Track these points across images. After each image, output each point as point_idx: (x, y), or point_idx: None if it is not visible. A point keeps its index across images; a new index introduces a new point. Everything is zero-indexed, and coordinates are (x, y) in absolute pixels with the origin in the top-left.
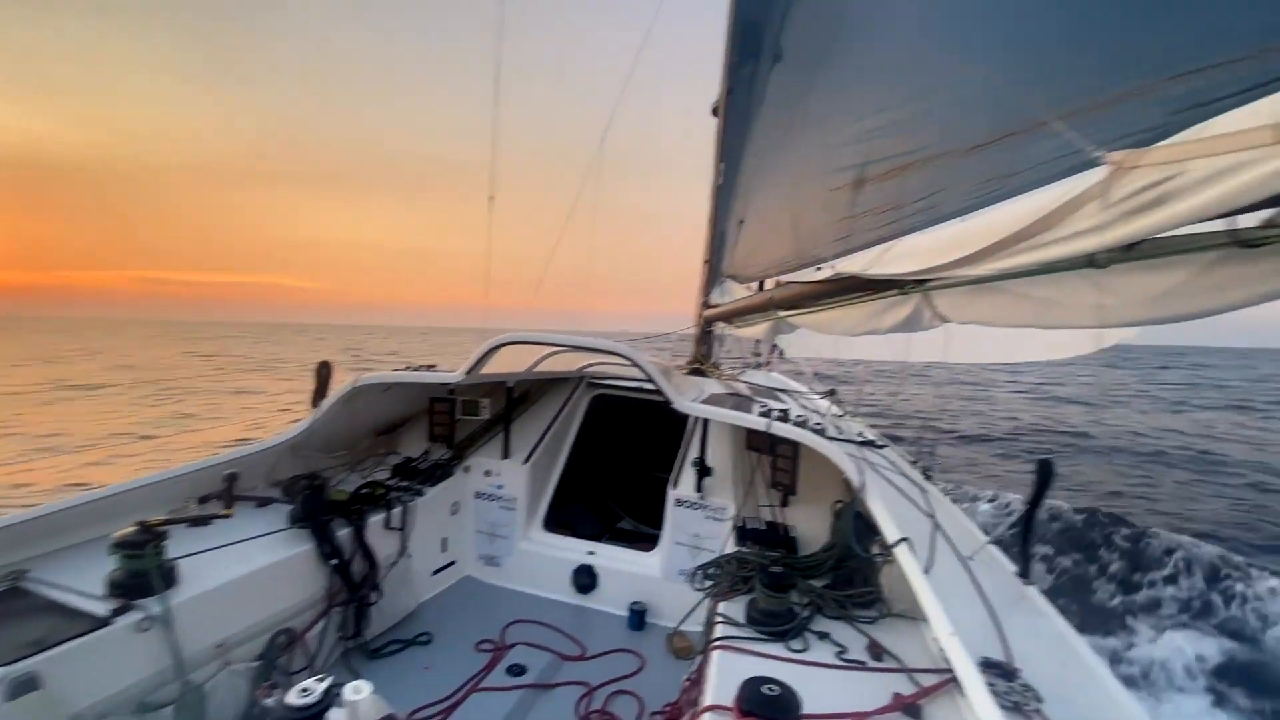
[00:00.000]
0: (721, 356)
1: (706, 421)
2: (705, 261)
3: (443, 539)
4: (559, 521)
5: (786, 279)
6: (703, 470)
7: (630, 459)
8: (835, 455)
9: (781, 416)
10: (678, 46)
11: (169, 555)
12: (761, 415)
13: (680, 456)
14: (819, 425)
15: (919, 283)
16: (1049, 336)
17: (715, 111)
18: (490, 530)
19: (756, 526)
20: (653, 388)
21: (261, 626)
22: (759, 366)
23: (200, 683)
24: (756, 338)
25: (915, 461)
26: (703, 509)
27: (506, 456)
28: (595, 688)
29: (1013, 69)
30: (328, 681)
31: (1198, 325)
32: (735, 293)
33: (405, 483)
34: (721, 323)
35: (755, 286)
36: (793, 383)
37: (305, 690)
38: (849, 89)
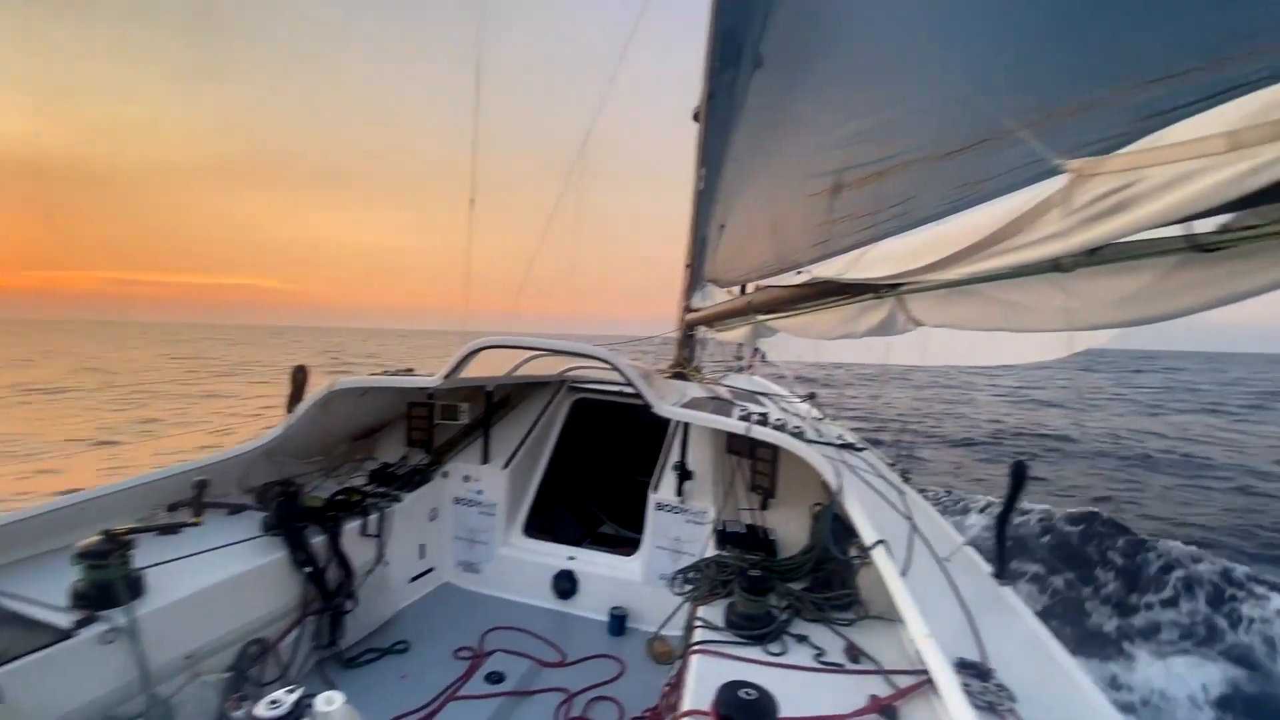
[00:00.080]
0: (704, 360)
1: (687, 425)
2: (687, 266)
3: (420, 545)
4: (540, 526)
5: (765, 283)
6: (683, 474)
7: (612, 463)
8: (813, 458)
9: (761, 420)
10: (661, 51)
11: (136, 565)
12: (741, 419)
13: (661, 460)
14: (798, 428)
15: (893, 287)
16: (1022, 340)
17: (696, 117)
18: (469, 536)
19: (736, 530)
20: (634, 391)
21: (232, 637)
22: (741, 370)
23: (168, 695)
24: (737, 341)
25: (894, 464)
26: (683, 513)
27: (486, 461)
28: (575, 694)
29: (983, 77)
30: (298, 692)
31: (1168, 330)
32: (716, 297)
33: (382, 489)
34: (703, 326)
35: (737, 291)
36: (774, 386)
37: (274, 702)
38: (827, 96)
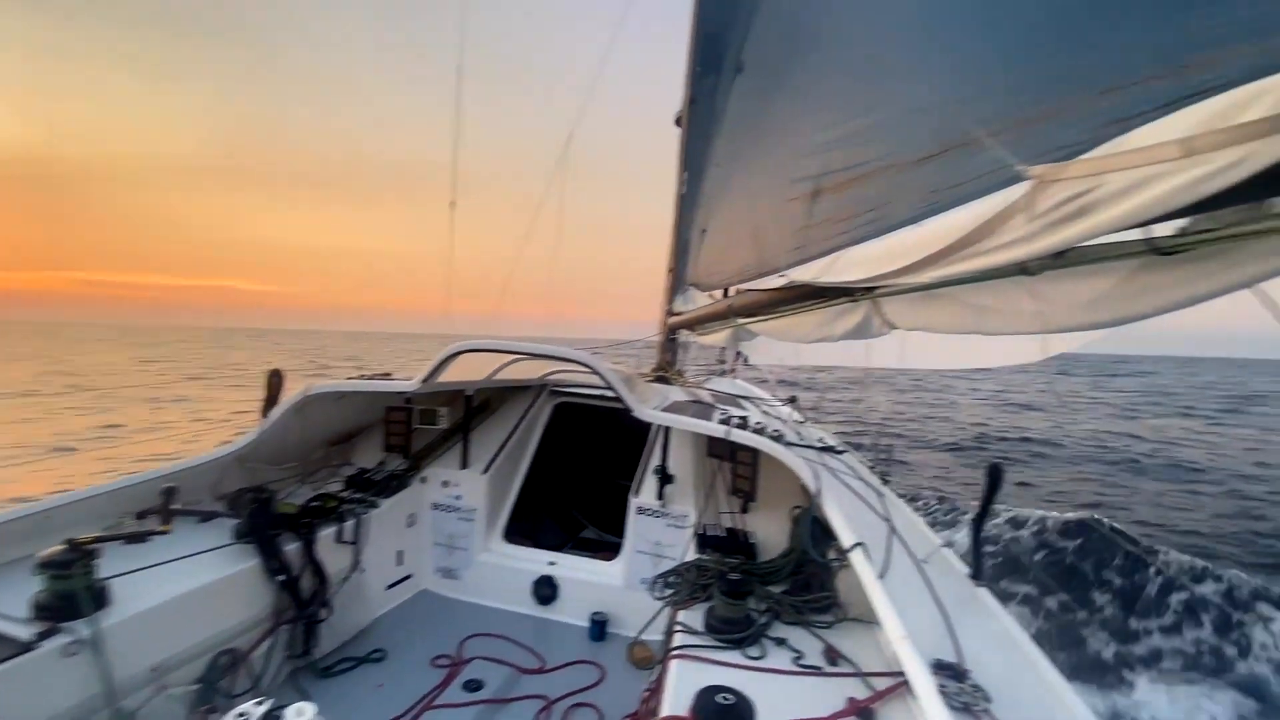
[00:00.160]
0: (688, 364)
1: (668, 429)
2: (669, 269)
3: (398, 552)
4: (521, 532)
5: (745, 287)
6: (664, 478)
7: (594, 467)
8: (792, 461)
9: (741, 423)
10: (643, 56)
11: (101, 574)
12: (721, 422)
13: (642, 464)
14: (778, 432)
15: (868, 290)
16: (996, 343)
17: (678, 121)
18: (448, 542)
19: (717, 533)
20: (615, 395)
21: (202, 648)
22: (724, 374)
23: (133, 709)
24: (718, 345)
25: (874, 466)
26: (664, 517)
27: (465, 466)
28: (554, 701)
29: (953, 86)
30: (268, 704)
31: (1139, 334)
32: (698, 300)
33: (359, 494)
34: (685, 330)
35: (719, 295)
36: (756, 390)
37: (242, 714)
38: (806, 102)
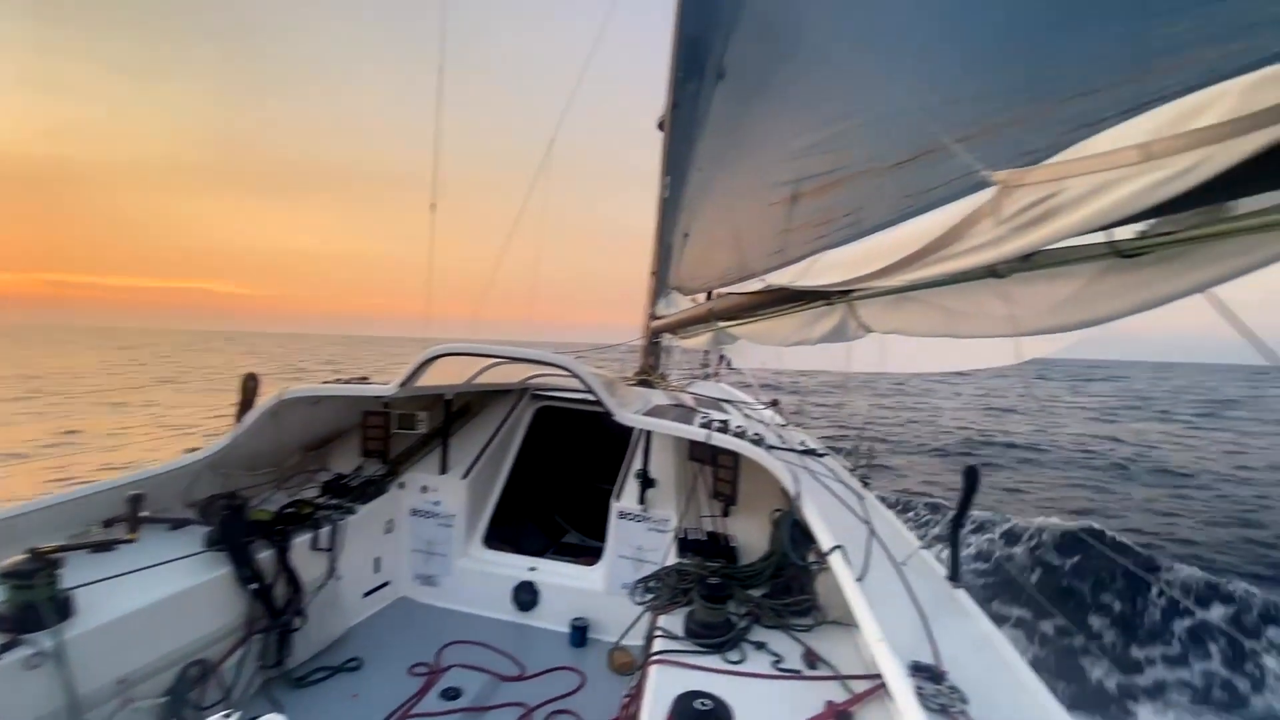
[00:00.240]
0: (671, 368)
1: (650, 433)
2: (652, 273)
3: (376, 559)
4: (502, 537)
5: (725, 291)
6: (646, 482)
7: (577, 471)
8: (772, 465)
9: (722, 427)
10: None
11: (64, 584)
12: (702, 426)
13: (624, 468)
14: (758, 435)
15: (844, 293)
16: (972, 347)
17: (661, 126)
18: (427, 548)
19: (698, 537)
20: (595, 399)
21: (170, 659)
22: (707, 377)
23: None
24: (699, 348)
25: (854, 469)
26: (645, 521)
27: (444, 471)
28: (534, 708)
29: (927, 93)
30: (237, 716)
31: (1112, 339)
32: (681, 304)
33: (335, 501)
34: (668, 334)
35: (702, 299)
36: (739, 393)
37: None
38: (786, 107)
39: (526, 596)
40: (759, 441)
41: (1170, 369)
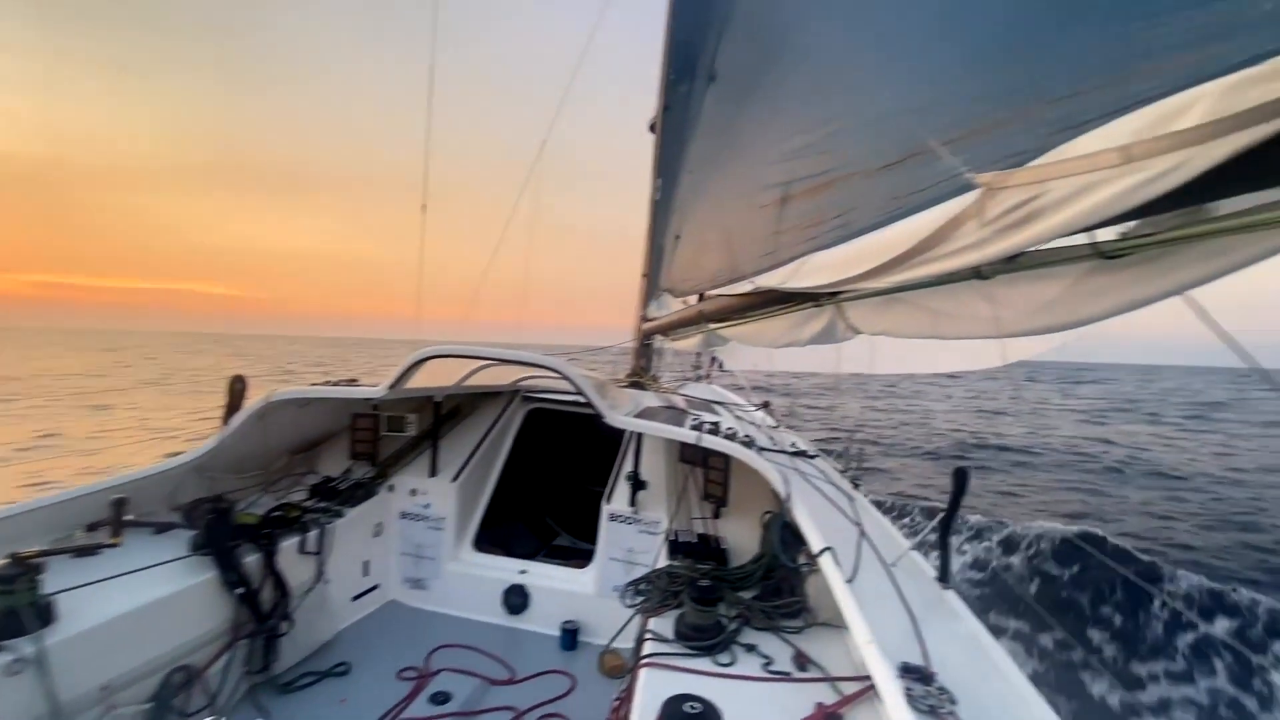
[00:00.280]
0: (664, 369)
1: (641, 435)
2: (644, 275)
3: (364, 562)
4: (492, 540)
5: (715, 293)
6: (636, 484)
7: (568, 474)
8: (762, 467)
9: (713, 429)
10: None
11: (46, 590)
12: (693, 428)
13: (615, 471)
14: (749, 437)
15: (832, 295)
16: (960, 350)
17: (652, 128)
18: (416, 552)
19: (689, 539)
20: (586, 401)
21: (154, 665)
22: (699, 379)
23: None
24: (690, 350)
25: (845, 471)
26: (636, 523)
27: (434, 474)
28: (524, 712)
29: (914, 96)
30: None
31: (1100, 344)
32: (672, 306)
33: (323, 504)
34: (659, 336)
35: (694, 300)
36: (730, 395)
37: None
38: (777, 110)
39: (517, 599)
40: (749, 443)
41: (1156, 371)
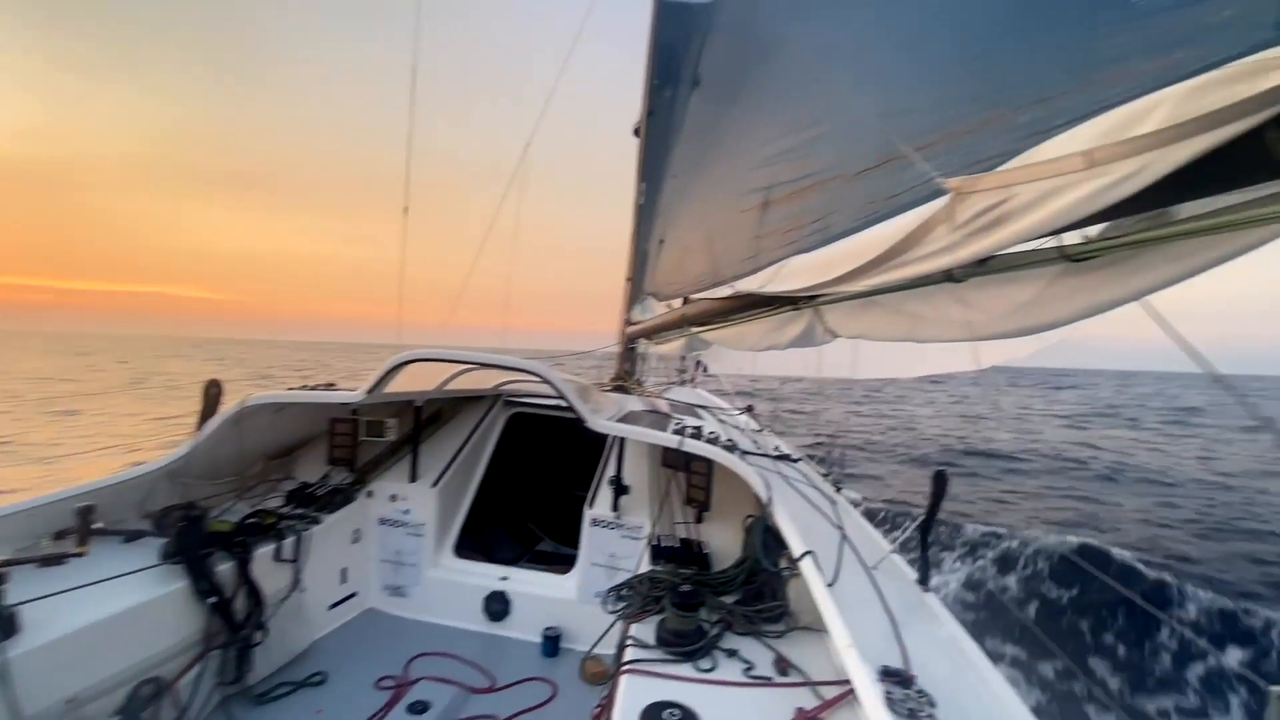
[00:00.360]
0: (650, 373)
1: (623, 439)
2: (628, 279)
3: (342, 570)
4: (473, 546)
5: (697, 296)
6: (619, 489)
7: (551, 478)
8: (744, 471)
9: (695, 433)
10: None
11: (9, 600)
12: (675, 432)
13: (598, 475)
14: (731, 441)
15: (810, 298)
16: (940, 354)
17: (637, 132)
18: (395, 558)
19: (671, 544)
20: (568, 405)
21: (123, 676)
22: (684, 383)
23: None
24: (673, 354)
25: (827, 474)
26: (619, 528)
27: (414, 479)
28: None
29: (889, 102)
30: None
31: (1078, 349)
32: (656, 310)
33: (300, 510)
34: (643, 339)
35: (678, 305)
36: (714, 399)
37: None
38: (759, 115)
39: (498, 606)
40: (732, 447)
41: (1132, 377)
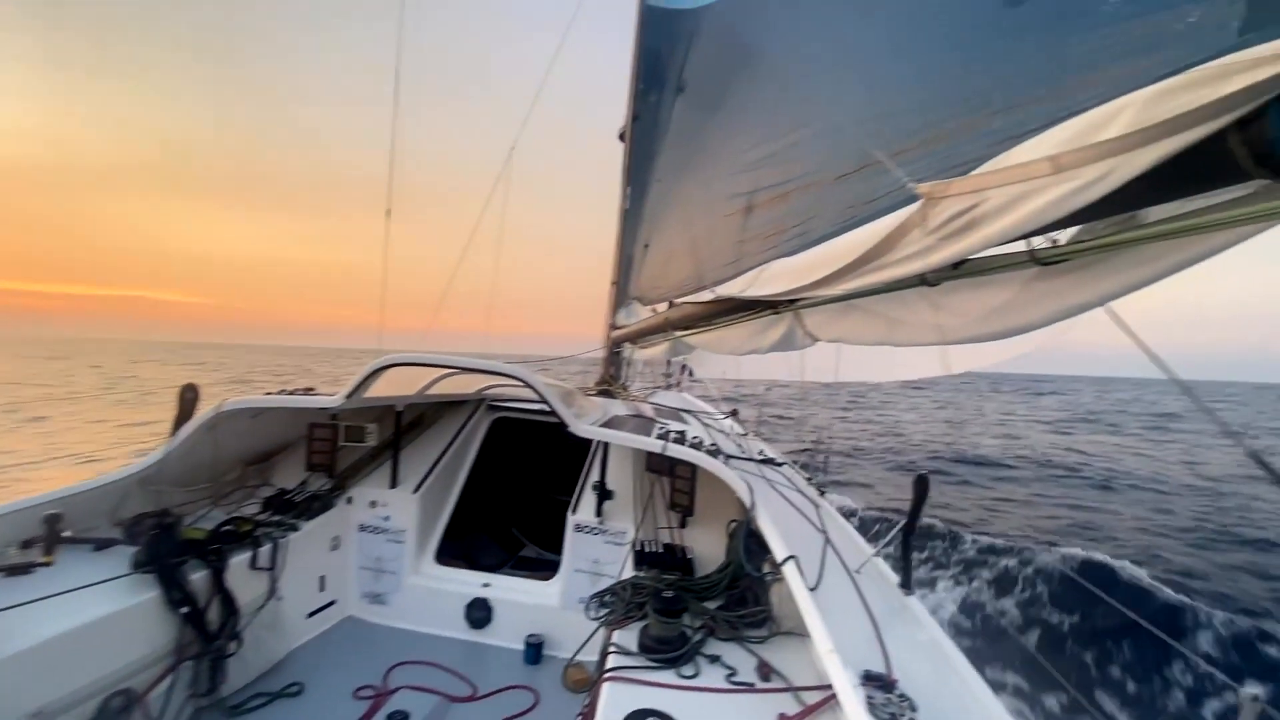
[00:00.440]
0: (637, 378)
1: (607, 444)
2: (613, 283)
3: (320, 577)
4: (455, 552)
5: (680, 300)
6: (603, 494)
7: (535, 483)
8: (728, 476)
9: (679, 438)
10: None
11: None
12: (659, 437)
13: (582, 480)
14: (715, 446)
15: (790, 302)
16: (919, 358)
17: (622, 137)
18: (375, 566)
19: (655, 550)
20: (550, 410)
21: (91, 689)
22: (669, 388)
23: None
24: (657, 358)
25: (811, 478)
26: (602, 534)
27: (395, 485)
28: None
29: (867, 108)
30: None
31: (1056, 356)
32: (641, 314)
33: (277, 517)
34: (629, 344)
35: (663, 309)
36: (700, 403)
37: None
38: (743, 120)
39: (480, 613)
40: (716, 452)
41: (1111, 383)
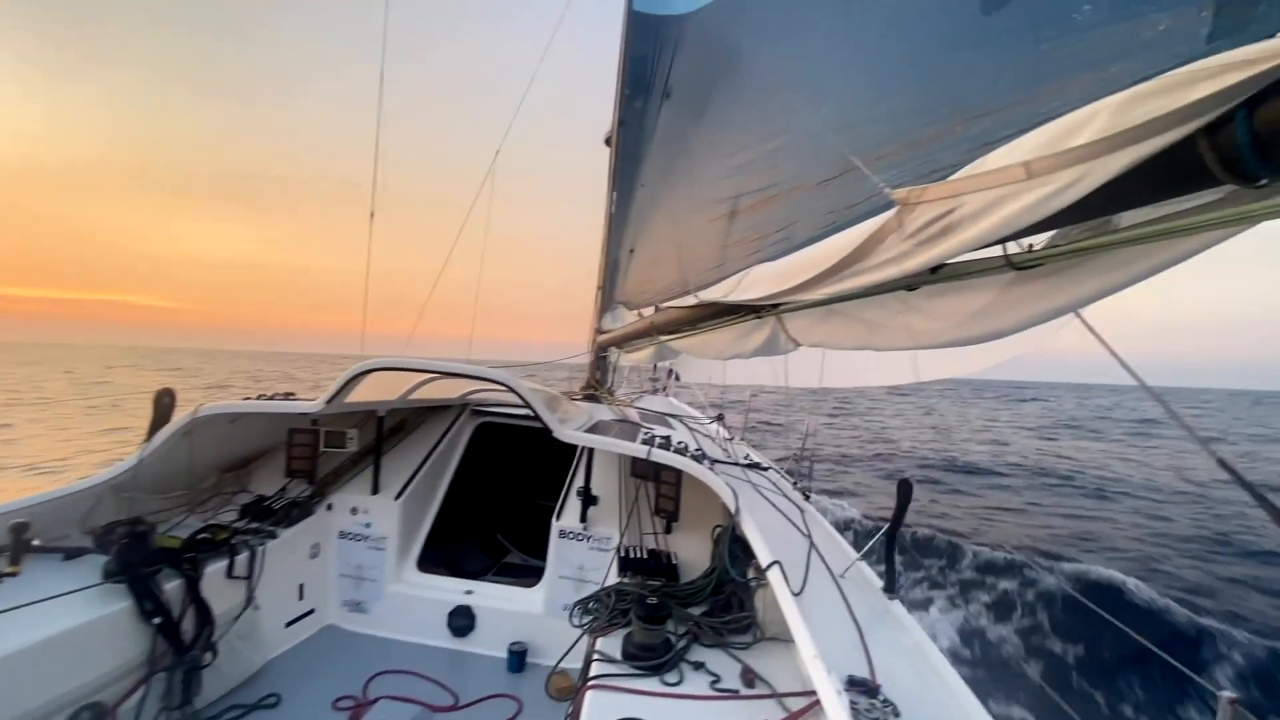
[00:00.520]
0: (622, 382)
1: (592, 449)
2: (599, 288)
3: (299, 586)
4: (438, 559)
5: (665, 305)
6: (588, 499)
7: (520, 489)
8: (712, 481)
9: (664, 443)
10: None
11: None
12: (644, 442)
13: (566, 486)
14: (700, 451)
15: (773, 307)
16: (901, 363)
17: (608, 142)
18: (356, 573)
19: (639, 556)
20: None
21: (58, 703)
22: (656, 392)
23: None
24: (643, 362)
25: (796, 483)
26: (587, 540)
27: (376, 492)
28: None
29: (847, 113)
30: None
31: (1037, 363)
32: (627, 319)
33: (255, 524)
34: (614, 348)
35: (649, 314)
36: (686, 408)
37: None
38: (727, 125)
39: (462, 621)
40: (701, 457)
41: (1090, 389)
